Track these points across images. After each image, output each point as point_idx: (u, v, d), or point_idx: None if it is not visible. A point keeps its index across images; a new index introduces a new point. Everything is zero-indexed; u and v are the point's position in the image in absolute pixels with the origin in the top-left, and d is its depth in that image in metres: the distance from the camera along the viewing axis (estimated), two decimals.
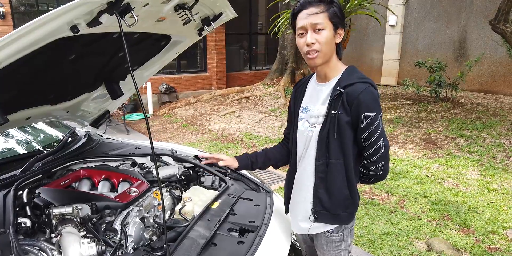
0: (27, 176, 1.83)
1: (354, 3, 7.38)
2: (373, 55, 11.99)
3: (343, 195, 1.60)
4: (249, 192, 2.23)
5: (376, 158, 1.54)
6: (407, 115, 7.45)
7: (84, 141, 2.45)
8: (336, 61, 1.58)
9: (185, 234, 1.64)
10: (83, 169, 2.13)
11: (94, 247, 1.47)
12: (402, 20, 10.92)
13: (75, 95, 2.05)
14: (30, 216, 1.68)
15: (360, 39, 12.14)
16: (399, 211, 3.92)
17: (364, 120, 1.47)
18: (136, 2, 1.29)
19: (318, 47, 1.50)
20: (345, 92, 1.48)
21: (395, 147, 5.89)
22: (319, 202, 1.62)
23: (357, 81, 1.49)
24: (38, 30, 1.06)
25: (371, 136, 1.50)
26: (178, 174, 2.31)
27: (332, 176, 1.57)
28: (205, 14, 1.90)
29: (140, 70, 2.28)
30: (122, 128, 7.23)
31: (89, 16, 1.17)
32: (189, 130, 7.33)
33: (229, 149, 6.02)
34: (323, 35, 1.48)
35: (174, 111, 8.85)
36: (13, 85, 1.44)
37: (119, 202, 1.77)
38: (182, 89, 10.17)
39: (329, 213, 1.63)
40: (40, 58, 1.36)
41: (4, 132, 2.47)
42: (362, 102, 1.46)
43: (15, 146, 2.41)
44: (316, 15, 1.47)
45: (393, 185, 4.56)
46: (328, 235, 1.68)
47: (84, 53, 1.58)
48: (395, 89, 10.19)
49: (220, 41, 10.48)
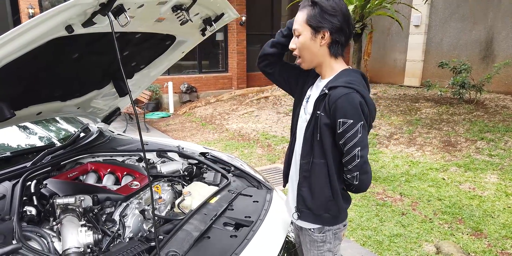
0: (36, 168, 1.94)
1: (374, 4, 7.31)
2: (396, 56, 11.79)
3: (325, 196, 1.57)
4: (250, 188, 2.28)
5: (351, 167, 1.49)
6: (428, 116, 7.31)
7: (95, 136, 2.56)
8: (331, 62, 1.54)
9: (180, 227, 1.71)
10: (91, 163, 2.24)
11: (91, 235, 1.55)
12: (426, 20, 10.70)
13: (83, 92, 2.15)
14: (37, 205, 1.79)
15: (383, 40, 11.97)
16: (410, 213, 3.87)
17: (340, 126, 1.43)
18: (129, 3, 1.36)
19: (297, 53, 1.53)
20: (328, 94, 1.46)
21: (413, 149, 5.80)
22: (302, 201, 1.62)
23: (341, 85, 1.44)
24: (34, 30, 1.15)
25: (346, 144, 1.45)
26: (181, 169, 2.38)
27: (315, 176, 1.55)
28: (206, 14, 1.96)
29: (147, 69, 2.36)
30: (142, 126, 7.42)
31: (83, 16, 1.25)
32: (207, 129, 7.44)
33: (244, 148, 6.08)
34: (299, 41, 1.50)
35: (194, 110, 9.00)
36: (19, 82, 1.54)
37: (119, 194, 1.85)
38: (203, 88, 10.32)
39: (311, 213, 1.61)
40: (43, 56, 1.45)
41: (23, 127, 2.62)
42: (339, 108, 1.41)
43: (31, 139, 2.54)
44: (297, 20, 1.49)
45: (407, 187, 4.50)
46: (311, 234, 1.67)
47: (87, 52, 1.67)
48: (418, 91, 9.99)
49: (241, 42, 10.57)
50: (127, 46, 1.91)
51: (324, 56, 1.52)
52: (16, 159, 2.05)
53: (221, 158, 2.58)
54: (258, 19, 11.19)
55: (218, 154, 2.67)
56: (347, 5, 6.98)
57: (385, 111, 7.89)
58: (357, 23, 7.19)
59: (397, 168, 5.14)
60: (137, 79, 2.43)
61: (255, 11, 11.07)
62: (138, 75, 2.39)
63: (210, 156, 2.59)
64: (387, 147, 5.98)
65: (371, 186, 4.57)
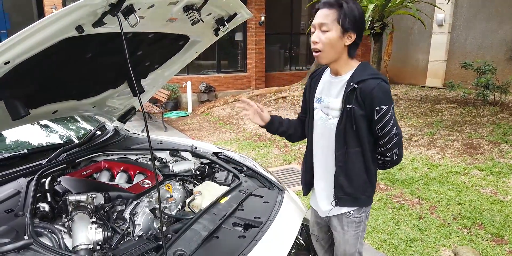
0: (51, 165, 1.99)
1: (396, 3, 7.18)
2: (418, 56, 11.56)
3: (362, 179, 1.75)
4: (261, 189, 2.27)
5: (391, 145, 1.67)
6: (450, 118, 7.13)
7: (110, 135, 2.60)
8: (347, 60, 1.67)
9: (189, 226, 1.71)
10: (105, 161, 2.27)
11: (101, 232, 1.57)
12: (450, 19, 10.45)
13: (98, 91, 2.19)
14: (50, 201, 1.82)
15: (405, 39, 11.75)
16: (428, 217, 3.78)
17: (378, 113, 1.60)
18: (140, 3, 1.37)
19: (320, 47, 1.61)
20: (359, 88, 1.59)
21: (433, 152, 5.67)
22: (340, 188, 1.76)
23: (369, 77, 1.60)
24: (45, 30, 1.17)
25: (385, 127, 1.62)
26: (193, 169, 2.39)
27: (351, 163, 1.71)
28: (218, 14, 1.96)
29: (161, 69, 2.38)
30: (161, 125, 7.50)
31: (93, 17, 1.26)
32: (225, 129, 7.47)
33: (261, 148, 6.08)
34: (326, 36, 1.58)
35: (212, 110, 9.04)
36: (34, 81, 1.58)
37: (130, 192, 1.87)
38: (221, 88, 10.36)
39: (350, 197, 1.77)
40: (56, 56, 1.48)
41: (41, 124, 2.68)
42: (375, 97, 1.58)
43: (49, 137, 2.60)
44: (325, 16, 1.57)
45: (425, 190, 4.40)
46: (349, 215, 1.81)
47: (101, 51, 1.69)
48: (440, 92, 9.77)
49: (260, 41, 10.56)
50: (140, 46, 1.93)
51: (343, 54, 1.65)
52: (33, 156, 2.10)
53: (233, 158, 2.58)
54: (278, 18, 11.16)
55: (231, 154, 2.67)
56: (368, 4, 6.93)
57: (405, 112, 7.75)
58: (377, 23, 7.08)
59: (416, 170, 5.03)
60: (152, 78, 2.45)
61: (274, 11, 11.05)
62: (153, 75, 2.41)
63: (222, 156, 2.59)
64: (406, 149, 5.86)
65: (388, 189, 4.50)
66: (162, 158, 2.50)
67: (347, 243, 1.86)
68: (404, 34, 11.65)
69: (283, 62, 12.02)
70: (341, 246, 1.89)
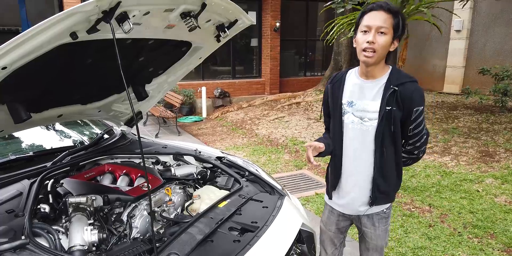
0: (55, 167, 2.04)
1: (411, 8, 7.10)
2: (435, 62, 11.38)
3: (394, 178, 1.85)
4: (262, 194, 2.27)
5: (419, 144, 1.79)
6: (466, 125, 6.99)
7: (117, 138, 2.65)
8: (383, 64, 1.75)
9: (184, 229, 1.73)
10: (108, 164, 2.32)
11: (96, 234, 1.60)
12: (468, 25, 10.26)
13: (103, 96, 2.24)
14: (52, 203, 1.87)
15: (422, 45, 11.59)
16: (438, 225, 3.70)
17: (414, 113, 1.71)
18: (134, 11, 1.41)
19: (376, 47, 1.64)
20: (398, 90, 1.68)
21: (447, 159, 5.56)
22: (377, 188, 1.83)
23: (407, 80, 1.71)
24: (39, 36, 1.21)
25: (418, 126, 1.74)
26: (195, 173, 2.41)
27: (387, 163, 1.80)
28: (218, 21, 1.99)
29: (165, 74, 2.42)
30: (175, 129, 7.59)
31: (87, 23, 1.30)
32: (237, 134, 7.50)
33: (272, 153, 6.08)
34: (383, 39, 1.63)
35: (226, 115, 9.10)
36: (35, 86, 1.63)
37: (129, 195, 1.91)
38: (236, 94, 10.42)
39: (384, 195, 1.86)
40: (55, 61, 1.53)
41: (49, 128, 2.76)
42: (415, 99, 1.69)
43: (55, 140, 2.68)
44: (384, 20, 1.63)
45: (437, 198, 4.32)
46: (381, 213, 1.91)
47: (101, 57, 1.74)
48: (457, 98, 9.59)
49: (274, 47, 10.60)
50: (142, 52, 1.97)
51: (383, 59, 1.72)
52: (38, 158, 2.17)
53: (236, 162, 2.60)
54: (293, 24, 11.18)
55: (234, 158, 2.69)
56: None
57: None
58: None
59: (428, 178, 4.94)
60: (157, 83, 2.50)
61: (289, 17, 11.08)
62: (158, 80, 2.45)
63: (225, 161, 2.61)
64: None
65: (398, 196, 4.42)
66: (165, 162, 2.54)
67: (379, 238, 1.96)
68: (421, 40, 11.49)
69: (298, 67, 12.02)
70: (372, 241, 1.98)
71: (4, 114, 1.63)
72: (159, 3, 1.47)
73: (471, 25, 10.25)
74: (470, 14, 10.14)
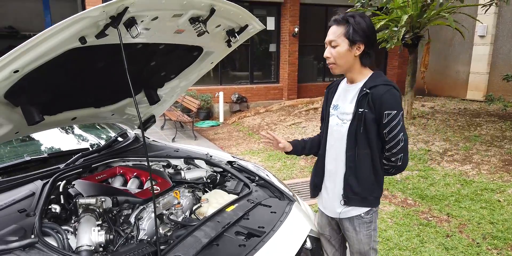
0: (67, 169, 2.09)
1: (432, 13, 7.00)
2: (458, 68, 11.15)
3: (370, 180, 1.86)
4: (271, 199, 2.26)
5: (396, 150, 1.79)
6: (488, 133, 6.80)
7: (130, 142, 2.69)
8: (360, 68, 1.82)
9: (190, 232, 1.74)
10: (120, 166, 2.36)
11: (103, 235, 1.63)
12: (493, 30, 10.03)
13: (116, 100, 2.28)
14: (63, 203, 1.92)
15: (445, 50, 11.39)
16: (456, 235, 3.60)
17: (386, 117, 1.73)
18: (142, 16, 1.43)
19: (332, 60, 1.80)
20: (370, 93, 1.74)
21: (467, 167, 5.41)
22: (350, 188, 1.87)
23: (381, 83, 1.75)
24: (49, 41, 1.25)
25: (392, 131, 1.75)
26: (205, 177, 2.43)
27: (361, 164, 1.83)
28: (228, 26, 2.01)
29: (177, 79, 2.45)
30: (191, 134, 7.66)
31: (95, 28, 1.34)
32: (253, 139, 7.51)
33: (287, 159, 6.05)
34: (336, 50, 1.76)
35: (243, 120, 9.13)
36: (48, 89, 1.68)
37: (138, 197, 1.93)
38: (253, 99, 10.44)
39: (359, 197, 1.87)
40: (67, 65, 1.57)
41: (67, 131, 2.83)
42: (385, 102, 1.72)
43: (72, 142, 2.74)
44: (333, 32, 1.76)
45: (456, 208, 4.20)
46: (360, 218, 1.92)
47: (112, 62, 1.77)
48: (481, 105, 9.35)
49: (293, 53, 10.59)
50: (153, 56, 2.01)
51: (355, 64, 1.80)
52: (52, 160, 2.22)
53: (247, 167, 2.60)
54: (311, 30, 11.15)
55: (245, 163, 2.69)
56: (402, 14, 6.79)
57: (440, 126, 7.47)
58: (408, 34, 6.91)
59: (447, 186, 4.82)
60: (170, 88, 2.53)
61: (308, 22, 11.07)
62: (170, 85, 2.48)
63: (236, 165, 2.62)
64: (439, 164, 5.64)
65: (416, 204, 4.33)
66: (176, 165, 2.56)
67: (361, 243, 1.97)
68: (443, 45, 11.30)
69: (316, 73, 11.96)
70: (355, 245, 1.99)
71: (19, 116, 1.68)
72: (167, 8, 1.50)
73: (495, 30, 10.01)
74: (495, 19, 9.91)
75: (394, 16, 7.12)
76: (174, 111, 8.30)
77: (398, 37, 6.68)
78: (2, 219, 1.63)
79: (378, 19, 7.33)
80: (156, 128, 8.30)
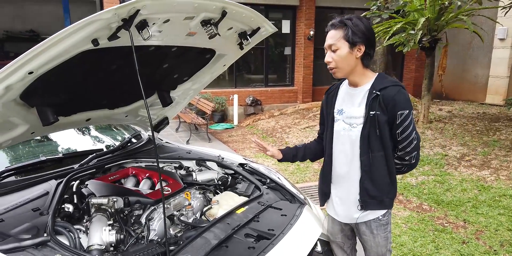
0: (81, 169, 2.13)
1: (449, 16, 6.89)
2: (477, 71, 10.94)
3: (386, 182, 1.85)
4: (282, 202, 2.25)
5: (410, 149, 1.79)
6: (508, 138, 6.63)
7: (143, 143, 2.73)
8: (363, 70, 1.81)
9: (200, 234, 1.75)
10: (133, 167, 2.39)
11: (114, 235, 1.65)
12: None
13: (130, 101, 2.31)
14: (77, 203, 1.95)
15: (463, 54, 11.19)
16: (473, 242, 3.52)
17: (399, 117, 1.73)
18: (154, 18, 1.45)
19: (333, 65, 1.78)
20: (381, 94, 1.73)
21: (486, 173, 5.29)
22: (366, 192, 1.85)
23: (390, 84, 1.75)
24: (62, 43, 1.27)
25: (405, 131, 1.75)
26: (216, 179, 2.43)
27: (375, 167, 1.82)
28: (240, 29, 2.01)
29: (190, 81, 2.47)
30: (205, 136, 7.70)
31: (107, 30, 1.36)
32: (267, 142, 7.50)
33: (301, 162, 6.01)
34: (337, 54, 1.75)
35: (257, 123, 9.13)
36: (63, 90, 1.71)
37: (149, 198, 1.95)
38: (268, 102, 10.44)
39: (376, 201, 1.86)
40: (81, 67, 1.60)
41: (82, 132, 2.88)
42: (398, 102, 1.72)
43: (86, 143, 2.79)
44: (332, 36, 1.75)
45: (473, 214, 4.11)
46: (378, 221, 1.91)
47: (125, 64, 1.79)
48: (501, 109, 9.14)
49: (308, 56, 10.57)
50: (166, 59, 2.03)
51: (357, 66, 1.79)
52: (67, 160, 2.26)
53: (258, 170, 2.60)
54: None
55: (256, 165, 2.69)
56: (418, 17, 6.70)
57: (458, 130, 7.32)
58: (425, 36, 6.81)
59: (464, 192, 4.72)
60: (183, 90, 2.55)
61: (324, 25, 10.99)
62: (182, 87, 2.50)
63: (248, 168, 2.62)
64: (456, 169, 5.53)
65: (431, 210, 4.25)
66: (188, 167, 2.58)
67: (379, 246, 1.96)
68: (462, 48, 11.11)
69: (331, 76, 11.77)
70: (373, 249, 1.98)
71: (34, 116, 1.72)
72: (178, 11, 1.51)
73: None
74: None
75: (411, 19, 7.03)
76: (188, 113, 8.37)
77: (415, 40, 6.59)
78: (17, 217, 1.67)
79: (395, 22, 7.26)
80: (171, 130, 8.38)
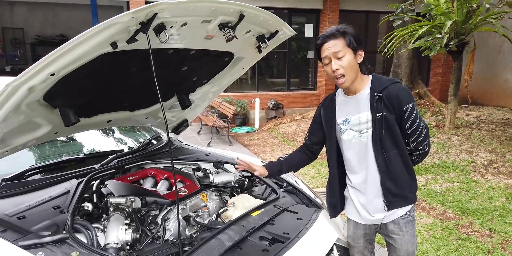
0: (102, 169, 2.18)
1: (478, 19, 6.71)
2: (508, 76, 10.58)
3: (405, 178, 1.86)
4: (298, 206, 2.24)
5: (421, 138, 1.81)
6: None
7: (162, 145, 2.77)
8: (361, 76, 1.83)
9: (214, 235, 1.76)
10: (151, 168, 2.43)
11: (130, 234, 1.68)
12: None
13: (150, 104, 2.36)
14: (96, 202, 2.00)
15: (493, 58, 10.85)
16: (499, 252, 3.40)
17: (406, 112, 1.75)
18: (172, 22, 1.48)
19: (343, 72, 1.76)
20: (384, 95, 1.76)
21: None
22: (389, 192, 1.85)
23: (389, 83, 1.78)
24: (83, 45, 1.31)
25: (414, 123, 1.77)
26: (233, 181, 2.45)
27: (392, 166, 1.82)
28: (258, 32, 2.02)
29: (209, 84, 2.50)
30: (226, 139, 7.75)
31: (126, 34, 1.39)
32: (288, 146, 7.48)
33: (322, 166, 5.97)
34: (345, 60, 1.74)
35: (278, 127, 9.12)
36: (84, 92, 1.77)
37: (166, 199, 1.98)
38: (290, 105, 10.42)
39: (399, 198, 1.87)
40: (102, 69, 1.65)
41: (105, 133, 2.96)
42: (402, 98, 1.75)
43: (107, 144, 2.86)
44: (335, 45, 1.74)
45: (499, 223, 3.96)
46: (406, 217, 1.91)
47: (144, 66, 1.83)
48: None
49: None
50: (184, 61, 2.06)
51: (358, 71, 1.81)
52: (89, 160, 2.33)
53: None
54: None
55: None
56: (445, 20, 6.55)
57: (486, 136, 7.09)
58: (452, 40, 6.64)
59: (491, 200, 4.56)
60: (202, 92, 2.58)
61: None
62: (202, 90, 2.53)
63: None
64: (483, 176, 5.36)
65: (456, 218, 4.13)
66: (206, 169, 2.60)
67: (408, 243, 1.95)
68: (492, 53, 10.77)
69: None
70: (402, 247, 1.96)
71: (57, 117, 1.78)
72: (196, 14, 1.54)
73: None
74: None
75: (438, 22, 6.88)
76: (210, 116, 8.44)
77: (441, 44, 6.44)
78: (38, 214, 1.72)
79: (420, 25, 7.12)
80: (193, 133, 8.47)
